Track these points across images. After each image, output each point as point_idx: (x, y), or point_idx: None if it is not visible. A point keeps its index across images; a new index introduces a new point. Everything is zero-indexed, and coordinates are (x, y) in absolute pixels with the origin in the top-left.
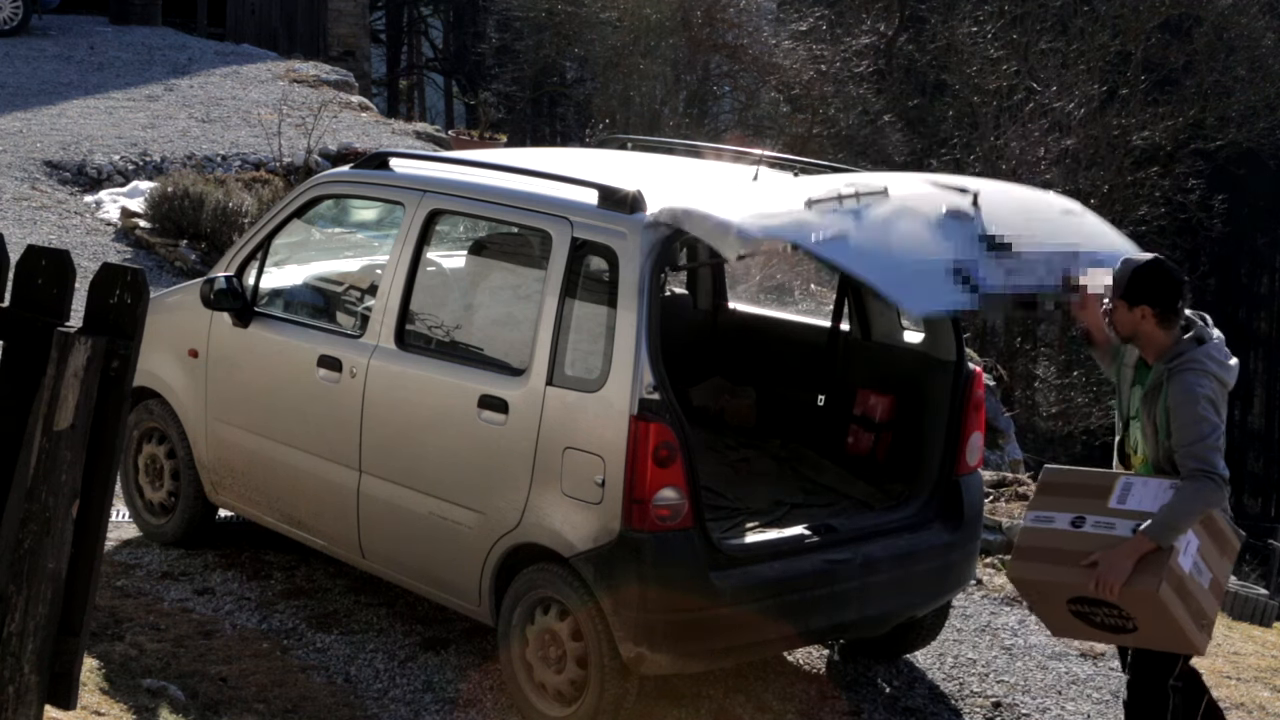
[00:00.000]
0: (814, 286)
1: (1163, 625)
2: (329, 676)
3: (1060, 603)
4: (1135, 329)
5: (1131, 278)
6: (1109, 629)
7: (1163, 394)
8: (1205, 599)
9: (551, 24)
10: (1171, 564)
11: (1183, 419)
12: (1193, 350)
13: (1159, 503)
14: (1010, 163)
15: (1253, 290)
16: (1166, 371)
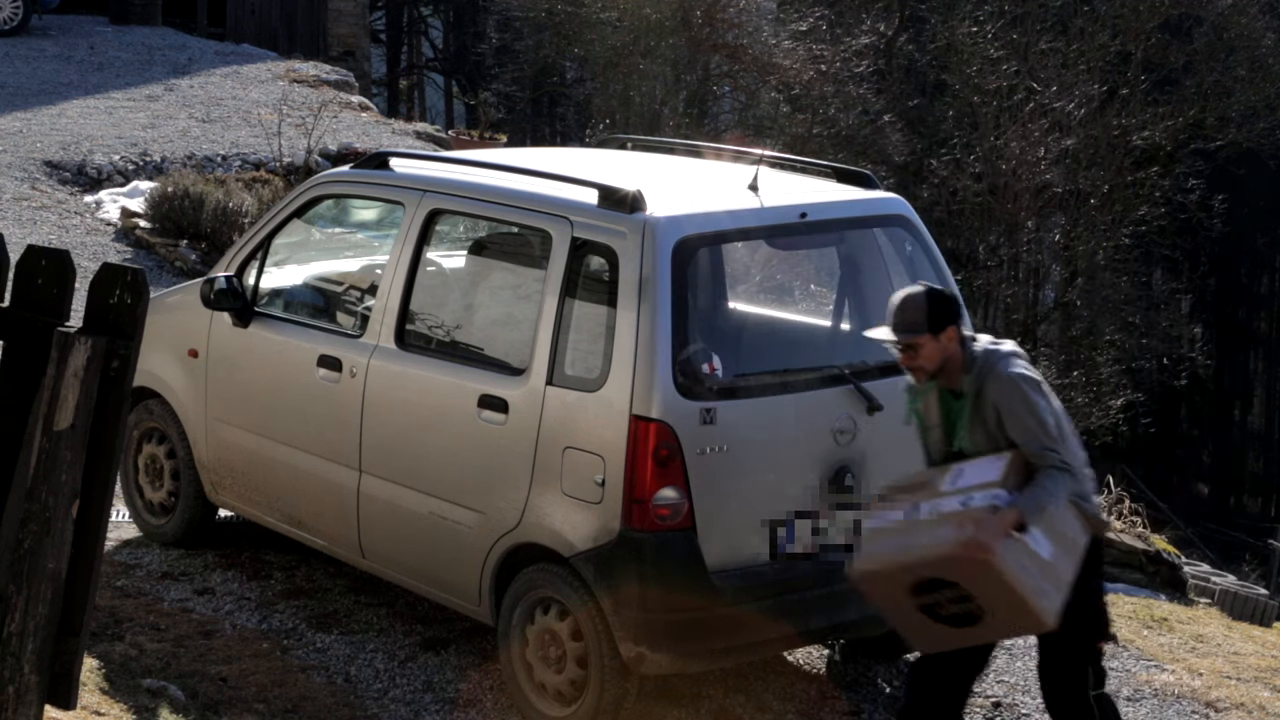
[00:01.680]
0: (813, 286)
1: (1005, 600)
2: (329, 676)
3: (905, 595)
4: (944, 355)
5: (930, 307)
6: (959, 622)
7: (985, 398)
8: (1045, 570)
9: (551, 24)
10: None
11: (1016, 415)
12: (983, 346)
13: (989, 473)
14: (1010, 163)
15: (1253, 290)
16: (978, 376)
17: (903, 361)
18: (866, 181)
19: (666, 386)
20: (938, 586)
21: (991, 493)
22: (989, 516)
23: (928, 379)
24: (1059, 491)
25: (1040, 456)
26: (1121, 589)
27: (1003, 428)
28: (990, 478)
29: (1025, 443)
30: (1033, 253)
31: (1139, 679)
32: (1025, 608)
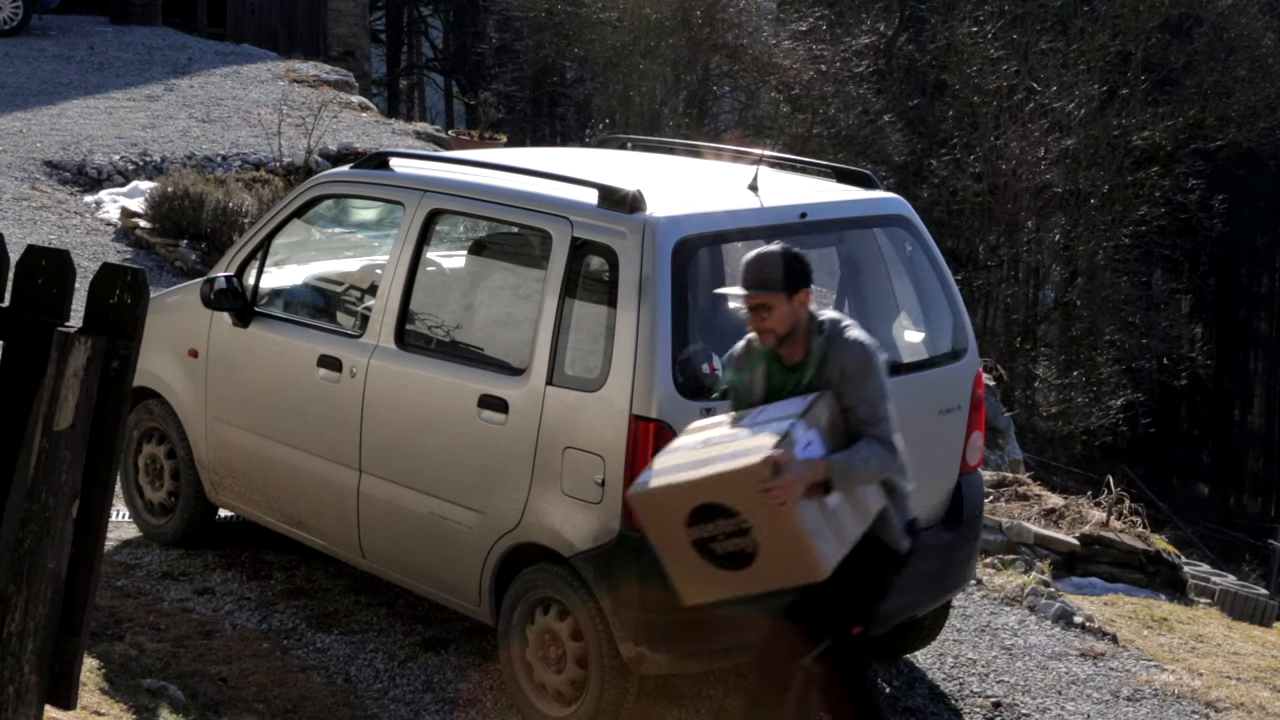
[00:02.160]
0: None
1: (782, 538)
2: (329, 676)
3: (681, 525)
4: (795, 319)
5: (786, 266)
6: (731, 562)
7: (831, 362)
8: (829, 518)
9: (551, 24)
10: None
11: (861, 380)
12: (830, 315)
13: (789, 410)
14: (1010, 163)
15: (1253, 290)
16: (827, 340)
17: (751, 323)
18: (866, 181)
19: (666, 386)
20: (716, 515)
21: (788, 422)
22: (796, 461)
23: (775, 343)
24: (874, 462)
25: (869, 423)
26: (1121, 589)
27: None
28: (793, 410)
29: (859, 406)
30: (1033, 253)
31: (1139, 679)
32: (800, 550)
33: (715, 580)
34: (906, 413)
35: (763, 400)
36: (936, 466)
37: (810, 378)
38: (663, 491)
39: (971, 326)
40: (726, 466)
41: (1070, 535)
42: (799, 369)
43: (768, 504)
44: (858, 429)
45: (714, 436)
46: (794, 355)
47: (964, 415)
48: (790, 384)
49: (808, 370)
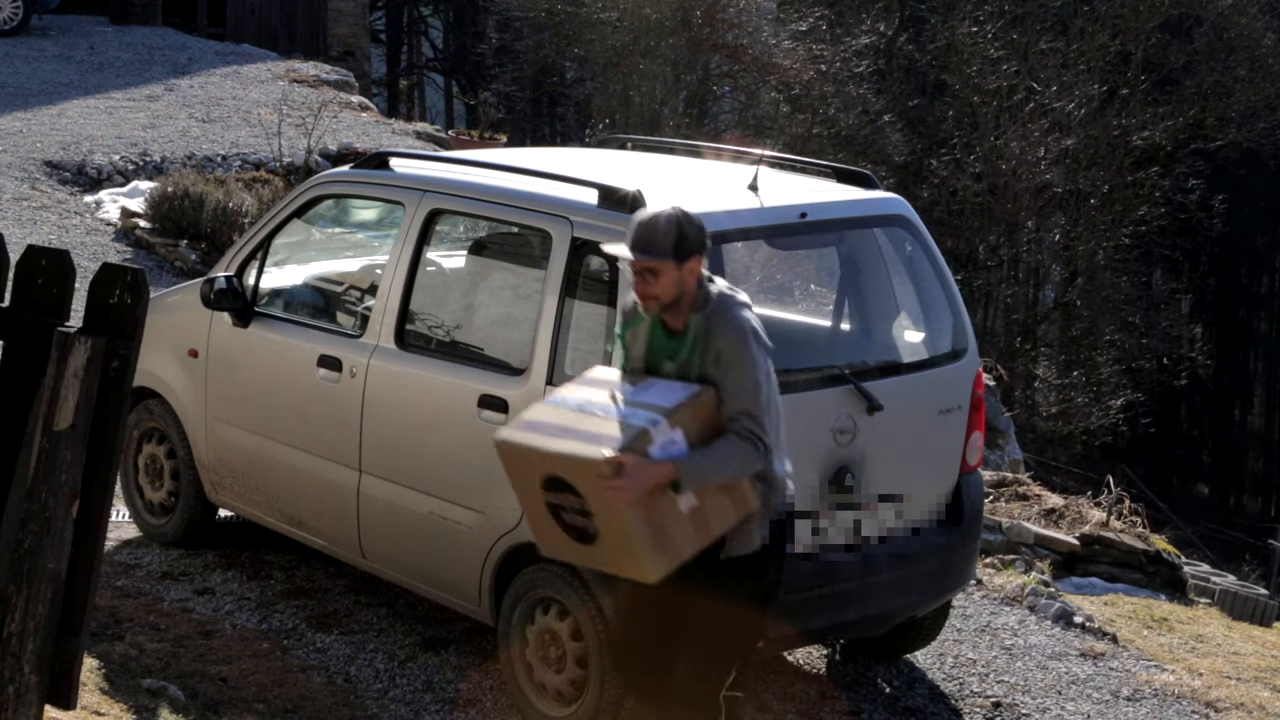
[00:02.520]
0: (813, 286)
1: (616, 535)
2: (329, 676)
3: (537, 484)
4: (682, 288)
5: (679, 231)
6: (574, 535)
7: (711, 342)
8: (679, 526)
9: (551, 24)
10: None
11: (736, 369)
12: (720, 288)
13: (673, 396)
14: (1010, 163)
15: (1253, 290)
16: (709, 316)
17: (636, 287)
18: (866, 181)
19: None
20: (565, 490)
21: (653, 416)
22: (641, 460)
23: (657, 310)
24: (733, 463)
25: (737, 420)
26: (1121, 589)
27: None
28: (664, 403)
29: (731, 398)
30: (1033, 253)
31: (1139, 679)
32: (631, 550)
33: (566, 545)
34: (906, 413)
35: (642, 361)
36: (936, 466)
37: (686, 355)
38: (522, 450)
39: (971, 326)
40: (576, 449)
41: (1070, 535)
42: (681, 337)
43: (607, 497)
44: (726, 423)
45: (593, 402)
46: (677, 323)
47: (964, 415)
48: (669, 350)
49: (684, 346)
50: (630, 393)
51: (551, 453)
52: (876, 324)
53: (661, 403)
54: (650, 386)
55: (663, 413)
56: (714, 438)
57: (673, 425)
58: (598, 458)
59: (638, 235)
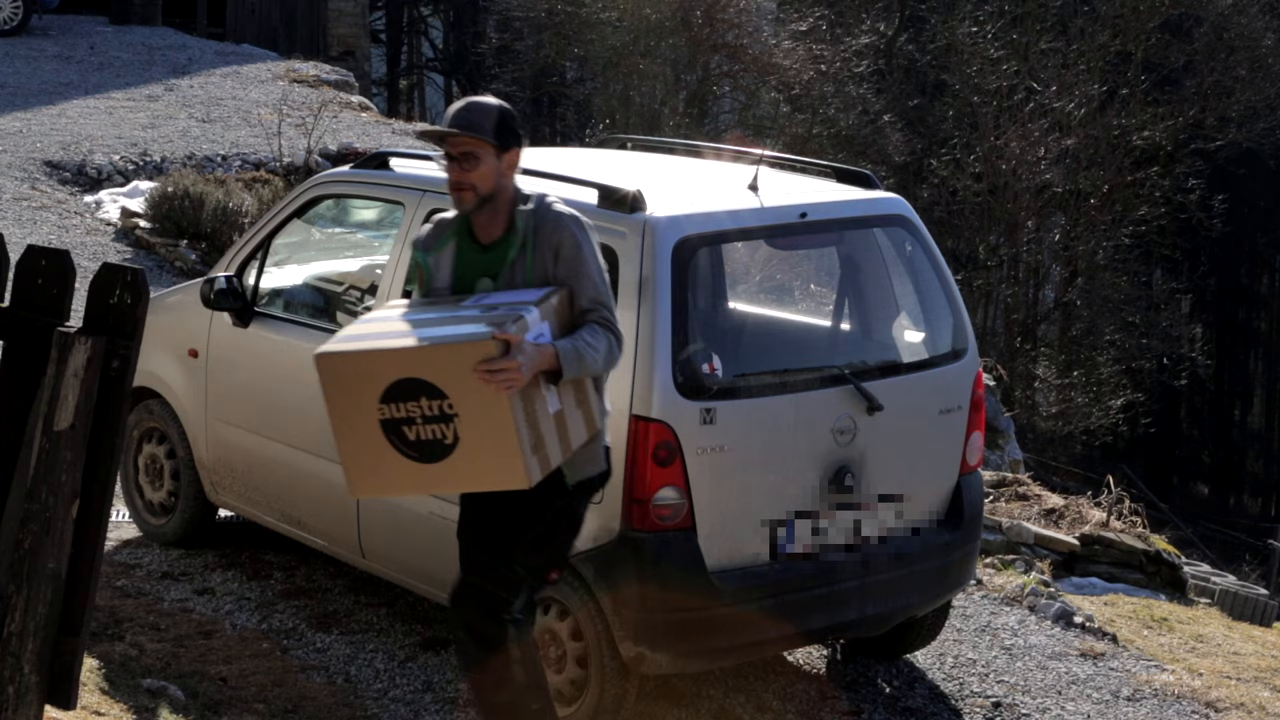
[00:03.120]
0: (813, 286)
1: (489, 434)
2: (329, 676)
3: (373, 401)
4: (501, 183)
5: (501, 118)
6: (419, 452)
7: (542, 240)
8: (549, 429)
9: (551, 24)
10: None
11: (580, 260)
12: (534, 190)
13: (532, 294)
14: (1010, 163)
15: (1253, 290)
16: (534, 214)
17: (453, 175)
18: (866, 181)
19: (666, 386)
20: (419, 394)
21: (522, 308)
22: (526, 342)
23: (475, 204)
24: (603, 350)
25: (593, 310)
26: (1121, 589)
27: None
28: (528, 298)
29: (582, 290)
30: (1033, 253)
31: (1139, 679)
32: (507, 450)
33: (397, 472)
34: (906, 413)
35: (449, 287)
36: (936, 466)
37: (514, 256)
38: (364, 356)
39: (971, 326)
40: (445, 336)
41: (1070, 535)
42: (498, 247)
43: (484, 389)
44: (578, 318)
45: (431, 310)
46: (493, 230)
47: (964, 415)
48: (483, 266)
49: (511, 249)
50: (475, 299)
51: (412, 349)
52: (876, 324)
53: (524, 298)
54: (494, 295)
55: (532, 304)
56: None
57: (542, 317)
58: (483, 337)
59: (457, 115)
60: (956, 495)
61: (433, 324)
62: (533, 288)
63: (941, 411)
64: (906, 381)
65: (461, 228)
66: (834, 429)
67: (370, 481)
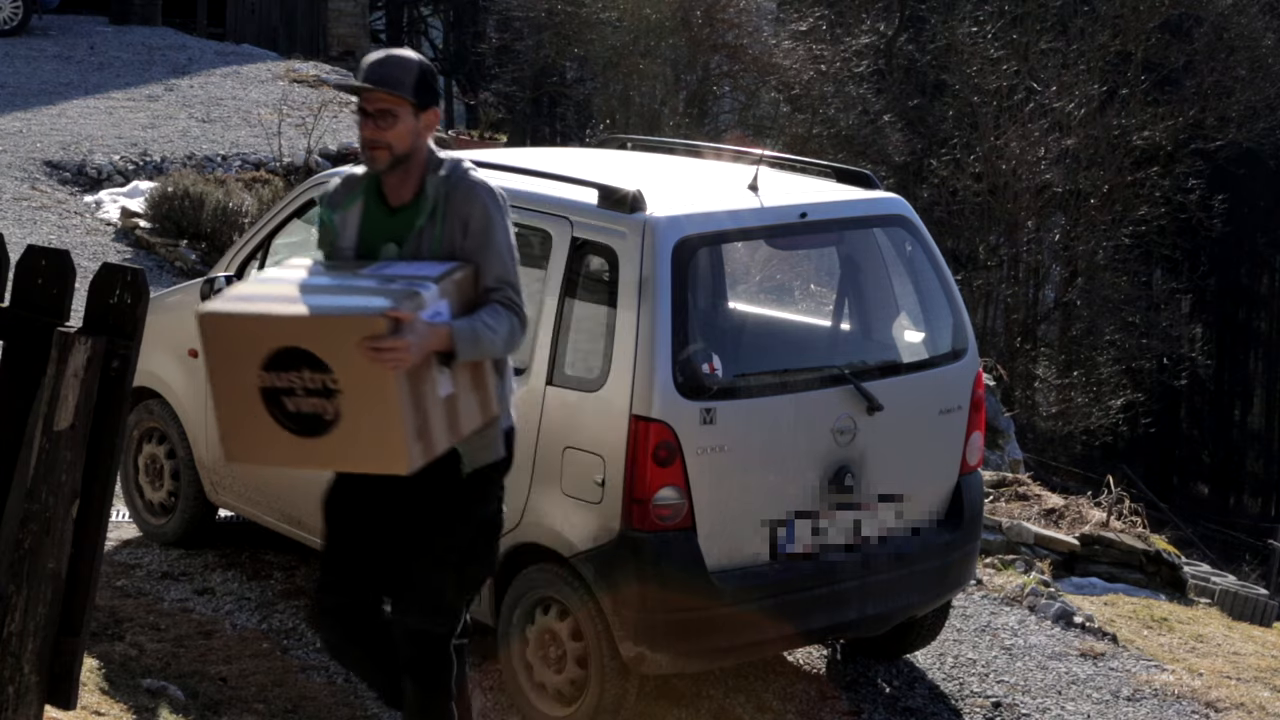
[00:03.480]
0: (813, 286)
1: (372, 414)
2: (329, 676)
3: (255, 367)
4: (417, 142)
5: (420, 73)
6: (297, 425)
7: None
8: (437, 413)
9: (551, 24)
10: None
11: (490, 235)
12: (449, 153)
13: (435, 268)
14: (1010, 163)
15: (1253, 290)
16: (447, 180)
17: (366, 132)
18: (866, 181)
19: (666, 386)
20: (301, 365)
21: (419, 283)
22: (420, 319)
23: (388, 164)
24: (503, 332)
25: (498, 290)
26: (1121, 589)
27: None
28: (429, 273)
29: (489, 267)
30: (1033, 253)
31: (1139, 679)
32: (389, 433)
33: (273, 442)
34: (906, 413)
35: (354, 249)
36: (936, 466)
37: (422, 223)
38: (248, 320)
39: (971, 326)
40: (335, 308)
41: (1070, 535)
42: (407, 211)
43: (370, 366)
44: (482, 296)
45: (326, 275)
46: (404, 193)
47: (964, 415)
48: (389, 230)
49: (419, 214)
50: (374, 268)
51: (297, 317)
52: (876, 324)
53: (425, 273)
54: (395, 264)
55: (431, 280)
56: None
57: (441, 294)
58: (371, 312)
59: (375, 68)
60: (956, 495)
61: (325, 291)
62: (438, 260)
63: (941, 411)
64: (906, 381)
65: (371, 186)
66: (834, 429)
67: (245, 449)
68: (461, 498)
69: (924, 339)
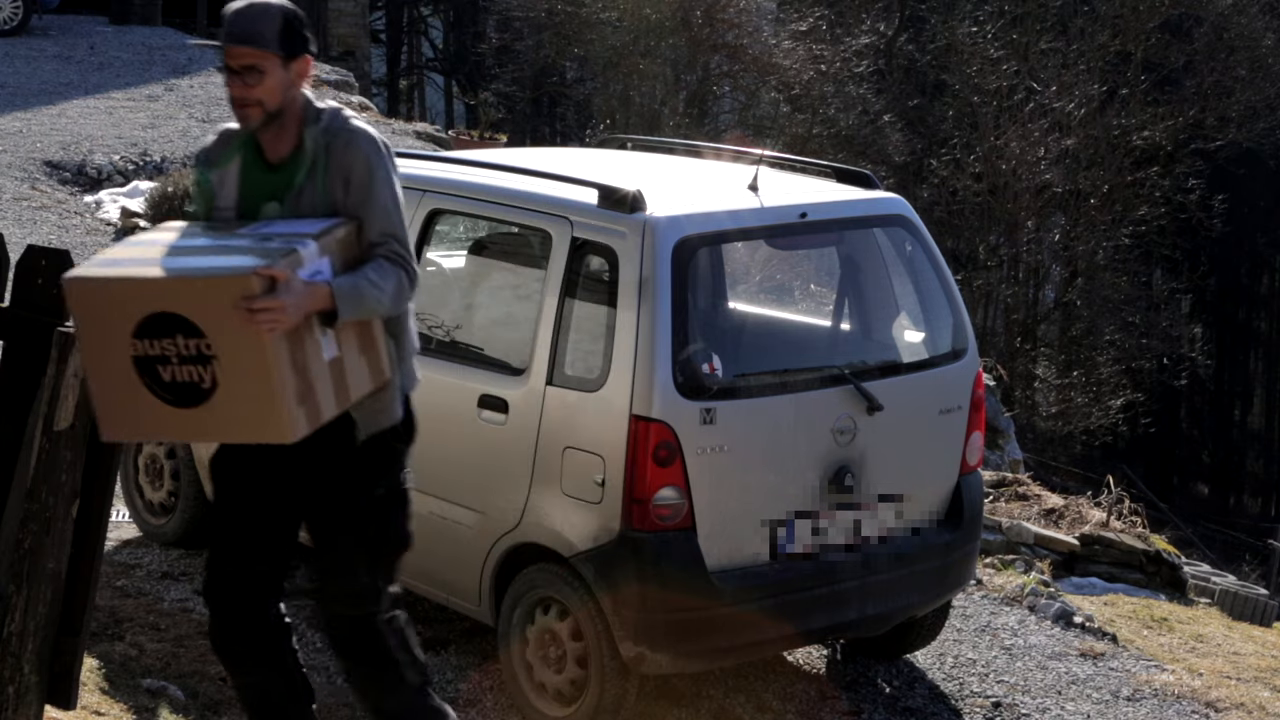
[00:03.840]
0: (813, 286)
1: (248, 381)
2: (329, 676)
3: (125, 333)
4: (289, 94)
5: (285, 21)
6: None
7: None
8: (322, 378)
9: (551, 24)
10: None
11: (375, 187)
12: (328, 102)
13: (315, 225)
14: (1010, 163)
15: (1253, 290)
16: (326, 131)
17: (234, 91)
18: (866, 181)
19: (666, 386)
20: (175, 331)
21: (299, 241)
22: (297, 278)
23: (261, 121)
24: (389, 288)
25: (384, 244)
26: (1121, 589)
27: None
28: (309, 230)
29: (373, 221)
30: (1033, 253)
31: (1139, 679)
32: (268, 400)
33: (150, 415)
34: (906, 413)
35: (234, 209)
36: (936, 466)
37: (302, 179)
38: (115, 284)
39: (971, 326)
40: (206, 268)
41: (1070, 535)
42: (286, 168)
43: (245, 329)
44: (366, 252)
45: (200, 236)
46: (281, 148)
47: (964, 415)
48: (271, 188)
49: (299, 170)
50: (253, 227)
51: (165, 280)
52: (876, 324)
53: (304, 230)
54: (274, 223)
55: (311, 238)
56: None
57: (322, 252)
58: (243, 271)
59: (234, 20)
60: (956, 495)
61: (197, 252)
62: (321, 217)
63: (941, 411)
64: (906, 381)
65: (248, 143)
66: (834, 429)
67: (121, 424)
68: (359, 467)
69: (924, 339)
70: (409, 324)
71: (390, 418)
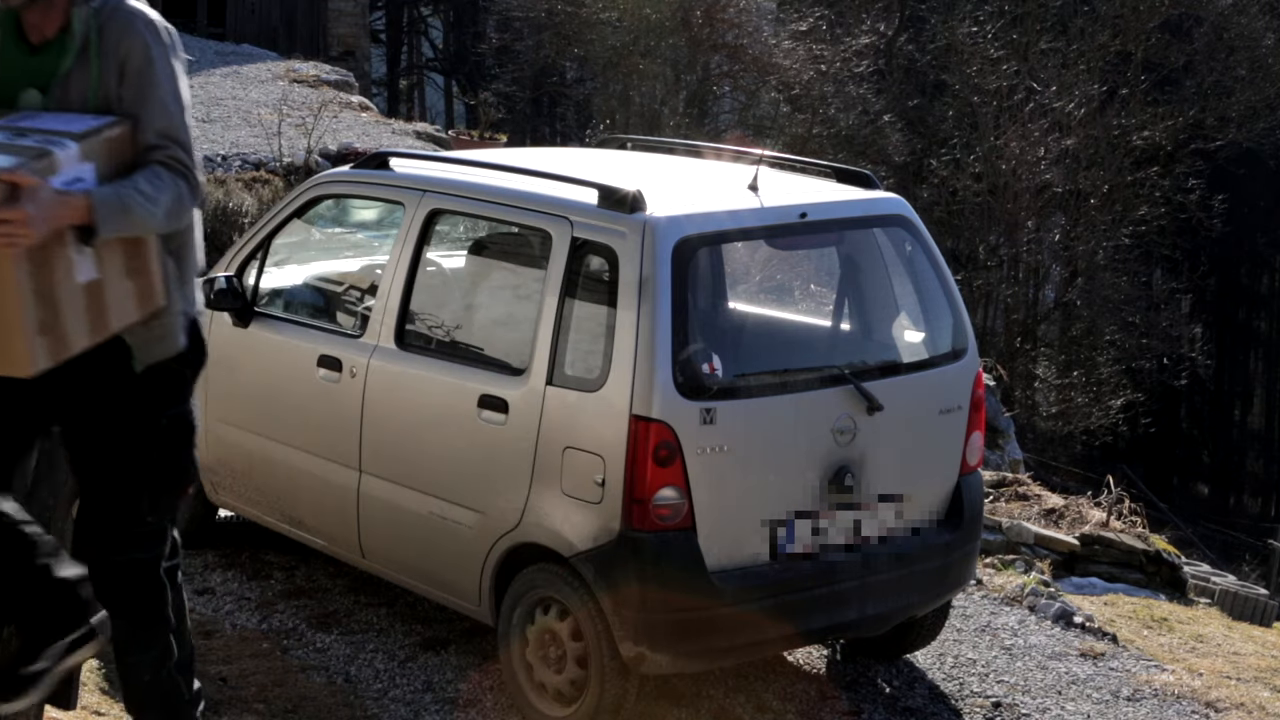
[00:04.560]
0: (813, 286)
1: None
2: (329, 676)
3: None
4: None
5: None
6: None
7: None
8: (72, 304)
9: (551, 24)
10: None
11: (153, 81)
12: None
13: (80, 123)
14: (1010, 163)
15: (1253, 290)
16: (99, 14)
17: None
18: (866, 181)
19: (666, 386)
20: None
21: (57, 140)
22: (46, 186)
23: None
24: (163, 199)
25: (162, 147)
26: (1121, 589)
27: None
28: (71, 129)
29: (149, 119)
30: (1033, 253)
31: (1139, 679)
32: (7, 330)
33: None
34: (906, 413)
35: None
36: (936, 466)
37: (69, 65)
38: None
39: (971, 326)
40: None
41: (1070, 535)
42: (50, 51)
43: None
44: (141, 156)
45: None
46: (46, 28)
47: (964, 415)
48: (33, 73)
49: (65, 54)
50: (7, 119)
51: None
52: (876, 324)
53: (67, 127)
54: (36, 116)
55: (72, 138)
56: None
57: (84, 157)
58: None
59: None
60: (956, 495)
61: None
62: (91, 114)
63: (941, 411)
64: (906, 381)
65: (7, 20)
66: (834, 429)
67: None
68: (137, 399)
69: (924, 339)
70: (192, 241)
71: (171, 347)
